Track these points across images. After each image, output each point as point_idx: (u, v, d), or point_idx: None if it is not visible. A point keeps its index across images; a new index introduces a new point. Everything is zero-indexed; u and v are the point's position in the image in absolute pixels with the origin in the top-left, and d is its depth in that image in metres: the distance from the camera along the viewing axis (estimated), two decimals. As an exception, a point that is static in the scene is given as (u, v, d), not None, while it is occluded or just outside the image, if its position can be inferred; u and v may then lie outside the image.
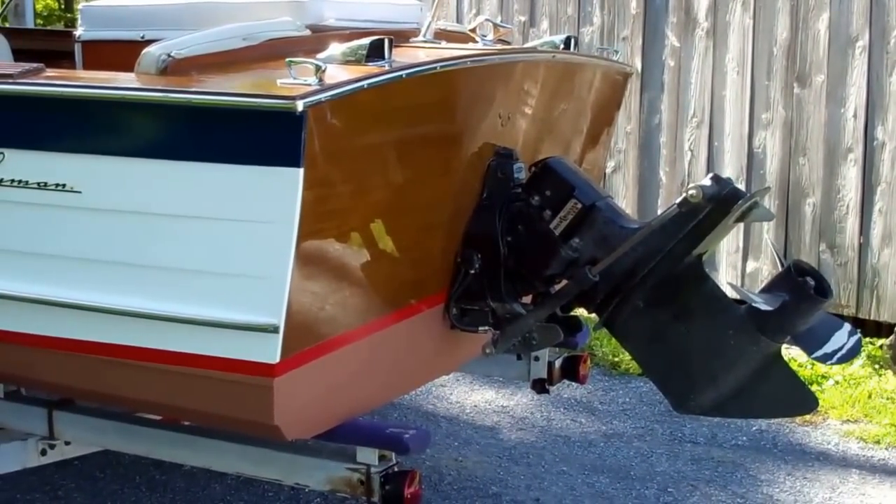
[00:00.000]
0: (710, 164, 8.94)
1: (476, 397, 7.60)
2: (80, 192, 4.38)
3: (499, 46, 5.35)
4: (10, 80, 4.53)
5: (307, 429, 4.53)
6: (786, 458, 6.84)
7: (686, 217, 4.61)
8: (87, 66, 5.79)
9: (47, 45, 6.75)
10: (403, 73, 4.31)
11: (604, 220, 4.81)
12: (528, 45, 5.70)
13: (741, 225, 7.74)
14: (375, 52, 4.40)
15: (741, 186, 8.67)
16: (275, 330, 4.12)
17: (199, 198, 4.19)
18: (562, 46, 5.62)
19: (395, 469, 4.68)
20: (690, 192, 4.55)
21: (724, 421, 7.17)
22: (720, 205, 4.56)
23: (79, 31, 5.89)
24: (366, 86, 4.14)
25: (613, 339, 7.66)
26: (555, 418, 7.32)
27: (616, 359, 8.19)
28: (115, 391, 4.66)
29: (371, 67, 4.33)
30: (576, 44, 5.66)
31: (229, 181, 4.12)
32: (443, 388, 7.67)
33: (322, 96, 3.99)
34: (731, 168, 8.82)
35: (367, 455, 4.67)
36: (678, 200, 4.60)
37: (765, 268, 8.73)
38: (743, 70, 8.74)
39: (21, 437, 5.34)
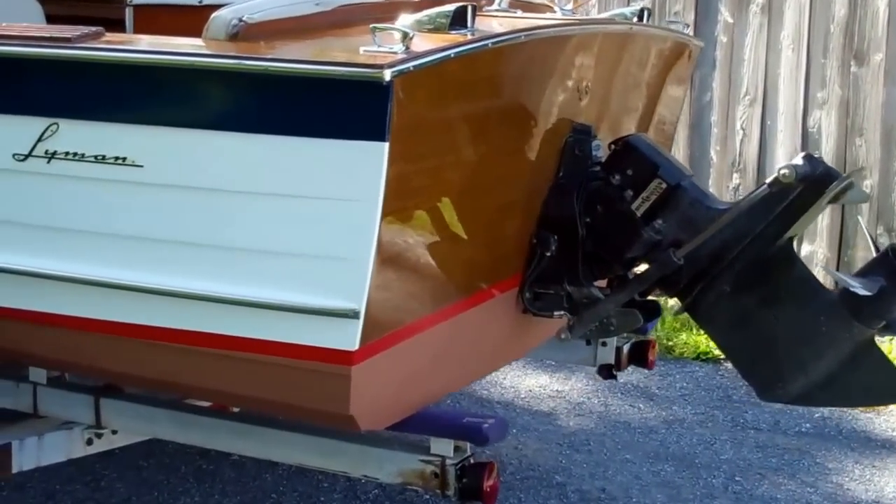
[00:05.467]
0: (763, 144, 8.69)
1: (530, 382, 7.37)
2: (141, 167, 4.12)
3: (579, 17, 5.08)
4: (68, 45, 4.25)
5: (381, 419, 4.30)
6: (851, 445, 6.64)
7: (777, 198, 4.39)
8: (138, 33, 5.55)
9: (85, 12, 6.46)
10: (489, 42, 4.07)
11: (689, 201, 4.59)
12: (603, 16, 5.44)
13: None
14: (458, 19, 4.15)
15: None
16: (355, 315, 3.88)
17: (273, 173, 3.94)
18: (635, 19, 5.36)
19: (472, 461, 4.46)
20: (783, 171, 4.31)
21: (786, 407, 6.94)
22: (813, 185, 4.33)
23: (130, -5, 5.66)
24: (453, 55, 3.89)
25: (666, 322, 7.54)
26: (612, 403, 7.09)
27: (670, 343, 7.95)
28: (177, 379, 4.42)
29: (455, 36, 4.09)
30: (649, 15, 5.39)
31: (307, 156, 3.87)
32: (495, 372, 7.42)
33: (410, 65, 3.73)
34: (784, 148, 8.57)
35: (442, 446, 4.45)
36: (769, 180, 4.38)
37: (820, 251, 8.47)
38: (798, 47, 8.48)
39: (65, 426, 5.10)
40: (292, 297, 3.97)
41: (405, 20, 4.11)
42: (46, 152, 4.24)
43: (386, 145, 3.72)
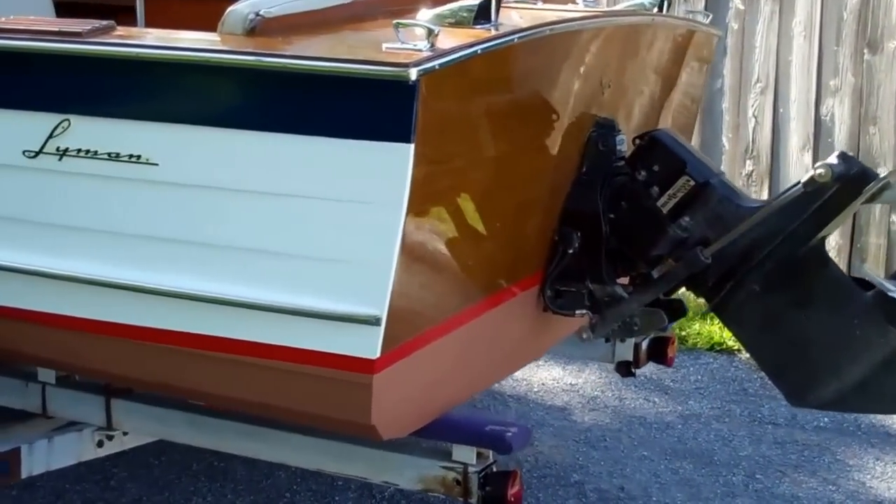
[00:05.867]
0: (776, 131, 8.55)
1: (542, 375, 7.25)
2: (156, 165, 3.99)
3: (602, 8, 4.92)
4: (79, 40, 4.12)
5: (403, 427, 4.18)
6: (871, 441, 6.53)
7: (811, 197, 4.27)
8: (149, 23, 5.40)
9: None
10: (515, 37, 3.94)
11: (718, 199, 4.46)
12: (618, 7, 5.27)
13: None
14: (482, 13, 4.02)
15: (809, 155, 8.34)
16: (376, 322, 3.75)
17: (293, 174, 3.80)
18: (654, 9, 5.22)
19: (494, 468, 4.34)
20: (818, 171, 4.19)
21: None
22: (849, 185, 4.21)
23: (142, -16, 5.50)
24: (479, 51, 3.76)
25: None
26: (626, 397, 6.98)
27: (683, 333, 7.80)
28: (189, 384, 4.30)
29: (479, 31, 3.96)
30: (669, 5, 5.25)
31: (329, 156, 3.73)
32: (509, 367, 7.32)
33: (436, 63, 3.59)
34: (797, 136, 8.44)
35: (464, 453, 4.35)
36: (804, 179, 4.24)
37: (832, 238, 8.32)
38: (810, 35, 8.33)
39: (75, 428, 4.99)
40: (311, 302, 3.84)
41: (426, 15, 3.97)
42: (58, 149, 4.11)
43: (411, 147, 3.59)
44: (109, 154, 4.03)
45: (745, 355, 7.51)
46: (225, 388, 4.21)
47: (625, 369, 5.75)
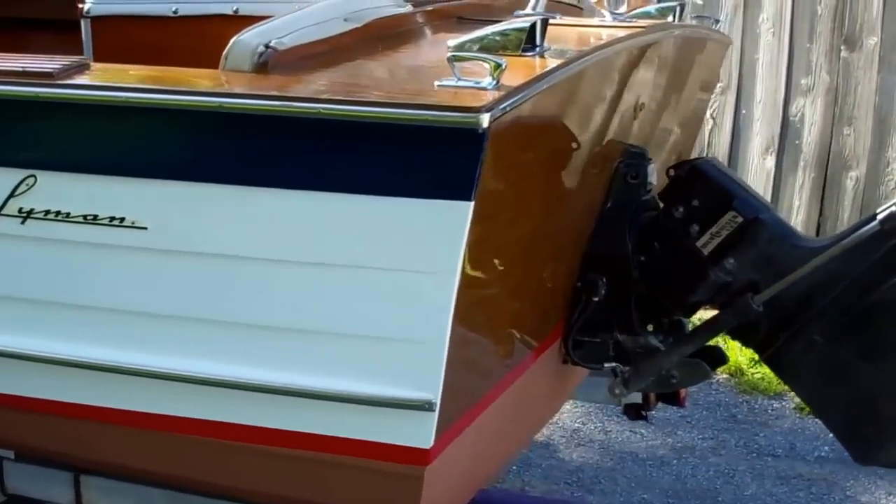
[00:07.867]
0: (736, 134, 8.11)
1: (519, 408, 6.72)
2: (145, 229, 3.35)
3: (642, 22, 4.31)
4: (50, 82, 3.44)
5: None
6: (877, 471, 6.05)
7: (887, 236, 3.78)
8: (98, 50, 4.73)
9: (28, 12, 5.54)
10: (576, 65, 3.37)
11: (769, 238, 3.95)
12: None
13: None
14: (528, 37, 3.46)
15: (772, 158, 7.93)
16: (429, 407, 3.18)
17: (320, 238, 3.19)
18: (669, 18, 4.67)
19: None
20: None
21: (799, 427, 6.45)
22: None
23: (87, 3, 4.82)
24: (545, 87, 3.18)
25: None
26: (611, 430, 6.47)
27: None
28: (204, 477, 3.68)
29: (527, 58, 3.39)
30: (681, 12, 4.69)
31: (365, 218, 3.13)
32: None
33: (506, 104, 2.99)
34: (761, 137, 8.03)
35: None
36: (881, 216, 3.76)
37: None
38: (780, 32, 7.91)
39: None
40: (350, 386, 3.26)
41: (466, 40, 3.38)
42: (20, 210, 3.46)
43: (471, 205, 3.00)
44: (85, 216, 3.38)
45: (722, 376, 7.06)
46: (245, 481, 3.60)
47: (634, 412, 5.23)
